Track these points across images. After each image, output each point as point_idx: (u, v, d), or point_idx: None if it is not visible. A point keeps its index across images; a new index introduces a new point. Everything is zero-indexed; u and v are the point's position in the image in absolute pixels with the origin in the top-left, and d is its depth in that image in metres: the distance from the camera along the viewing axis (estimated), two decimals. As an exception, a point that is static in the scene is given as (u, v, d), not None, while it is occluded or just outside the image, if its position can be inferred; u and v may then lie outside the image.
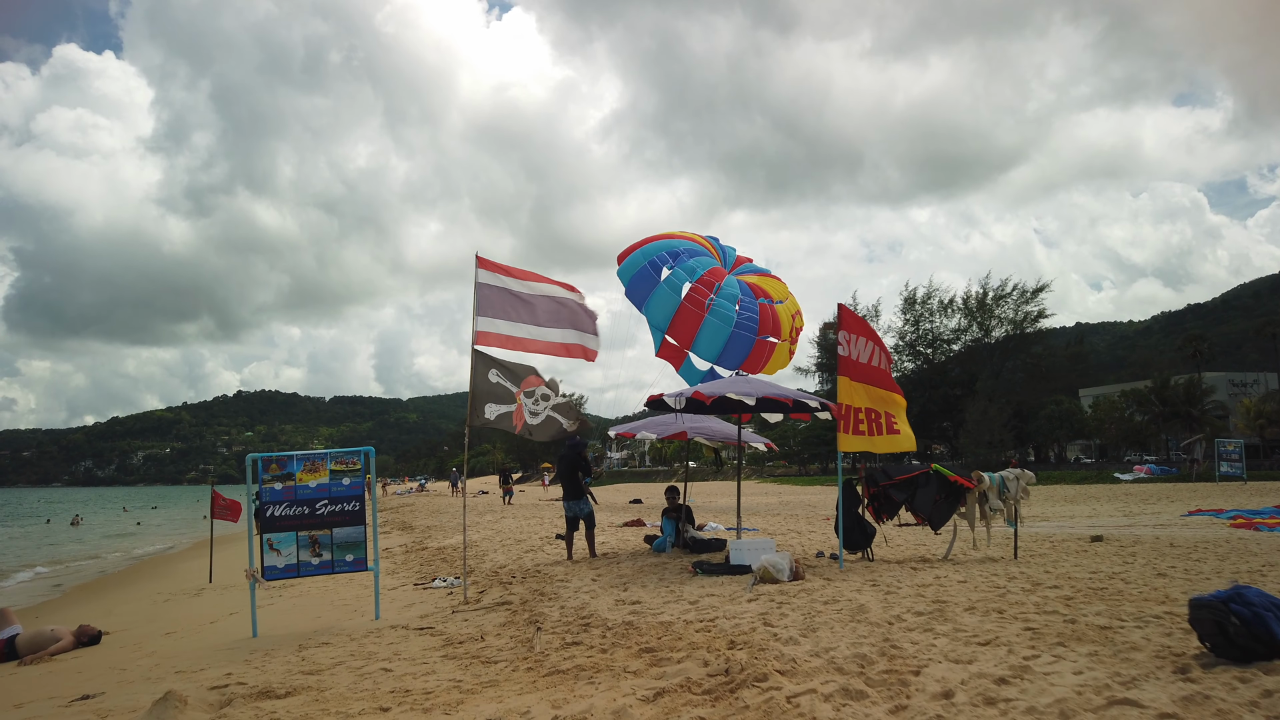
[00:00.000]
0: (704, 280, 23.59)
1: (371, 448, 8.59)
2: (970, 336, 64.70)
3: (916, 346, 67.07)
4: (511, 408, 8.98)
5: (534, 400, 9.05)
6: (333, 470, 8.54)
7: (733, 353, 22.17)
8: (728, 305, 22.88)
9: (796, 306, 25.99)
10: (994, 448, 62.64)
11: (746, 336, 22.40)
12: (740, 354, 22.29)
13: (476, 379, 8.91)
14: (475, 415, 8.93)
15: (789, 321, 24.94)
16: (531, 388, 9.06)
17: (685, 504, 10.91)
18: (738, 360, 22.67)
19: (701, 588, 7.64)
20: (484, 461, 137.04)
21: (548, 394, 9.00)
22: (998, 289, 63.05)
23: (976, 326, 64.14)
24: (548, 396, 9.13)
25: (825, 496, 36.29)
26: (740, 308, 23.10)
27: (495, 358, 9.04)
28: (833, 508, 24.95)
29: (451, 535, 17.21)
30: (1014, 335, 62.17)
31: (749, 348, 22.50)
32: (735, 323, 22.18)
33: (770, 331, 23.68)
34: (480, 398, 8.91)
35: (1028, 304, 61.42)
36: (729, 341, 22.00)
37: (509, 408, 8.98)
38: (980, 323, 63.77)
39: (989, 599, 6.44)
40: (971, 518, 9.51)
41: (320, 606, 9.76)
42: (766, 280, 25.57)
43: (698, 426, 9.81)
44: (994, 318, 62.92)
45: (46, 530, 39.16)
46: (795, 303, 25.94)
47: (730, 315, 22.53)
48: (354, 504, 8.50)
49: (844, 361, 8.49)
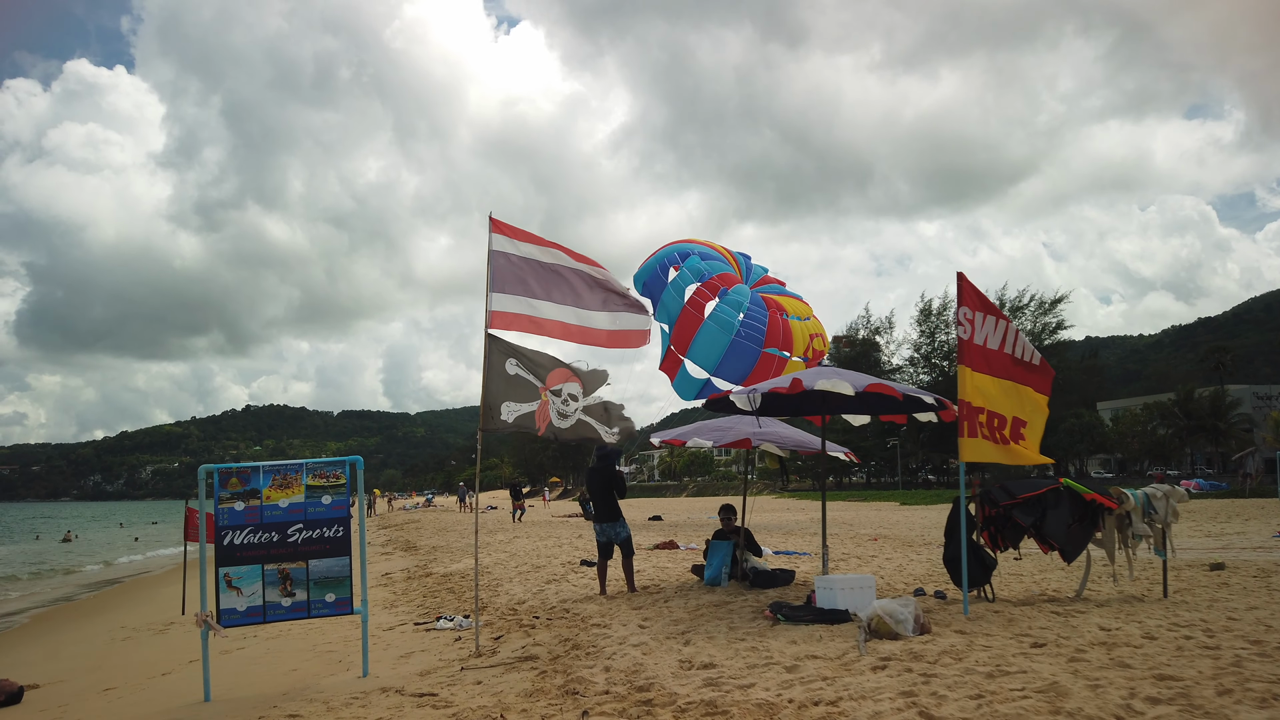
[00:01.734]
0: (709, 284, 21.00)
1: (359, 457, 6.74)
2: None
3: (932, 359, 66.07)
4: (533, 406, 7.15)
5: (562, 399, 7.23)
6: (310, 486, 6.72)
7: (733, 363, 19.47)
8: (730, 312, 20.16)
9: (819, 328, 23.27)
10: None
11: (749, 347, 19.61)
12: (742, 366, 19.54)
13: (491, 371, 7.08)
14: (490, 417, 7.10)
15: (804, 339, 22.35)
16: (558, 385, 7.23)
17: (744, 526, 9.01)
18: (740, 373, 19.91)
19: (792, 643, 5.74)
20: (491, 475, 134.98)
21: (576, 393, 7.16)
22: (1015, 300, 62.34)
23: None
24: (576, 397, 7.30)
25: (859, 513, 34.17)
26: (745, 316, 20.36)
27: (515, 345, 7.22)
28: (887, 527, 22.91)
29: (460, 558, 15.33)
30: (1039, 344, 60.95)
31: (752, 360, 19.76)
32: (736, 330, 19.46)
33: (779, 345, 20.90)
34: (496, 395, 7.08)
35: (1046, 315, 60.44)
36: (729, 351, 19.37)
37: (531, 407, 7.14)
38: None
39: (1219, 668, 4.54)
40: (1110, 545, 7.59)
41: (297, 653, 7.91)
42: (788, 299, 22.91)
43: (765, 433, 7.99)
44: None
45: (35, 548, 37.47)
46: (818, 324, 23.27)
47: (732, 323, 19.85)
48: (336, 529, 6.67)
49: (966, 347, 6.59)
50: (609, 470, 8.85)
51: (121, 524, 60.86)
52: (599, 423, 7.14)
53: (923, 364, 66.05)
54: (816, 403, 7.47)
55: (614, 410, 7.16)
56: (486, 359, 7.11)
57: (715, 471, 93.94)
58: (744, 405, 6.70)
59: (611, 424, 7.11)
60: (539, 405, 7.07)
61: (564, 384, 7.09)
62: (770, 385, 6.80)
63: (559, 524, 28.79)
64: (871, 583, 6.70)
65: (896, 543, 17.22)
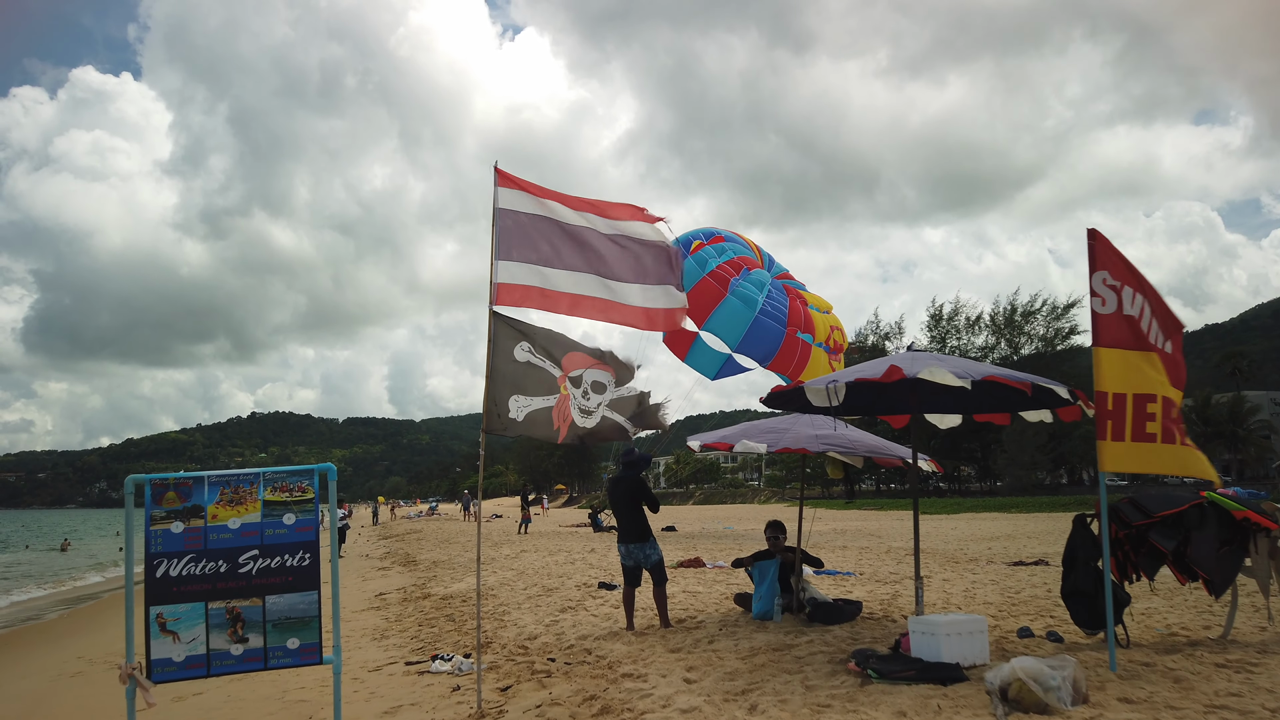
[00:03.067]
0: (732, 263, 19.98)
1: (331, 465, 5.35)
2: (999, 354, 63.01)
3: None
4: (550, 402, 5.74)
5: (583, 390, 5.82)
6: (268, 502, 5.32)
7: (758, 341, 18.43)
8: (753, 290, 19.24)
9: (838, 322, 22.37)
10: (1030, 469, 60.43)
11: (773, 326, 18.62)
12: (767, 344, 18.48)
13: (497, 358, 5.67)
14: (495, 417, 5.69)
15: (825, 329, 21.25)
16: (578, 370, 5.82)
17: (799, 546, 7.55)
18: (765, 352, 18.83)
19: (900, 715, 4.28)
20: (497, 483, 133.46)
21: (602, 382, 5.74)
22: (1027, 305, 62.14)
23: (1005, 344, 62.72)
24: (602, 387, 5.88)
25: (881, 523, 32.55)
26: (768, 297, 19.44)
27: (527, 326, 5.82)
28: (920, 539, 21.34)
29: (462, 576, 13.88)
30: (1044, 353, 60.14)
31: (777, 340, 18.71)
32: (760, 308, 18.50)
33: (803, 328, 19.99)
34: (503, 387, 5.67)
35: (1058, 320, 59.86)
36: (752, 327, 18.28)
37: (547, 402, 5.73)
38: (1009, 340, 62.42)
39: None
40: (1263, 574, 6.12)
41: (262, 703, 6.52)
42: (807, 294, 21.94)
43: (831, 435, 6.54)
44: (1023, 334, 61.70)
45: (28, 558, 36.18)
46: (836, 319, 22.44)
47: (754, 299, 18.85)
48: (302, 556, 5.28)
49: (1104, 323, 5.11)
50: (635, 481, 7.42)
51: (118, 533, 59.49)
52: (628, 419, 5.73)
53: (935, 369, 65.64)
54: (900, 397, 6.03)
55: (650, 406, 5.74)
56: (491, 343, 5.70)
57: (722, 479, 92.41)
58: (821, 400, 5.24)
59: (645, 421, 5.69)
60: (557, 400, 5.66)
61: (585, 370, 5.67)
62: (855, 374, 5.33)
63: (567, 535, 27.33)
64: (983, 625, 5.25)
65: (940, 558, 15.75)
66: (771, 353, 15.51)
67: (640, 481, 7.43)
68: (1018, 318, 61.43)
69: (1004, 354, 62.19)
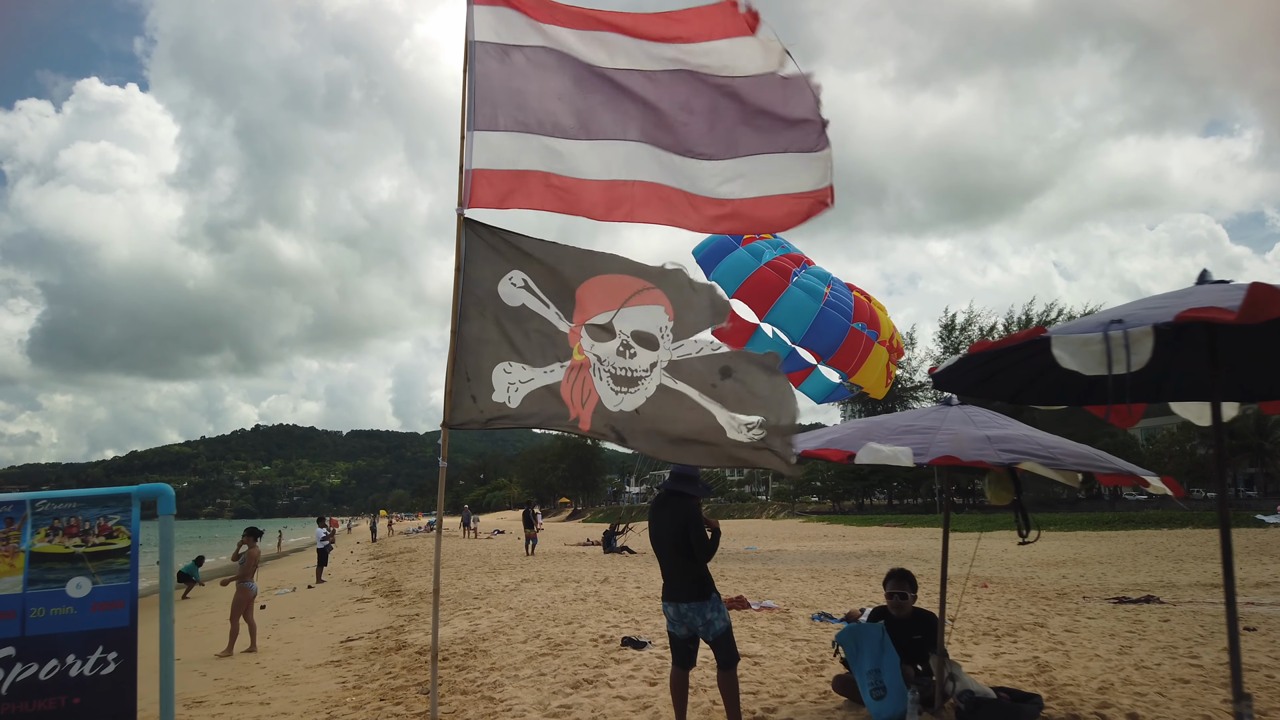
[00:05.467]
0: (790, 256, 18.36)
1: (164, 486, 2.92)
2: None
3: None
4: (556, 374, 3.31)
5: (617, 347, 3.40)
6: (41, 556, 2.90)
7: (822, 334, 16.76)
8: (816, 282, 17.67)
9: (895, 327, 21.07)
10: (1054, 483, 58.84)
11: (838, 319, 16.92)
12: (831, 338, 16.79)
13: (471, 302, 3.26)
14: (469, 400, 3.29)
15: (889, 327, 19.63)
16: (604, 314, 3.39)
17: (940, 617, 5.05)
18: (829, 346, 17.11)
19: None
20: (500, 496, 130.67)
21: (650, 333, 3.31)
22: (1042, 315, 60.22)
23: None
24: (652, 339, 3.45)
25: (912, 541, 29.80)
26: (832, 290, 17.95)
27: (522, 242, 3.41)
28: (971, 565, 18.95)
29: (452, 614, 11.39)
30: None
31: (841, 333, 16.99)
32: (826, 300, 17.06)
33: (868, 323, 18.30)
34: (481, 350, 3.27)
35: None
36: (817, 320, 16.71)
37: (550, 374, 3.31)
38: None
39: None
40: None
41: None
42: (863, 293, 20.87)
43: (1015, 438, 4.08)
44: None
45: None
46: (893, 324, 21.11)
47: (818, 290, 17.29)
48: (101, 659, 2.85)
49: None
50: (687, 509, 4.93)
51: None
52: (711, 392, 3.29)
53: (945, 381, 64.75)
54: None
55: (760, 377, 3.31)
56: (459, 275, 3.29)
57: (729, 491, 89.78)
58: (1094, 362, 2.68)
59: (748, 406, 3.26)
60: (567, 369, 3.24)
61: (620, 310, 3.27)
62: (1203, 302, 2.66)
63: (573, 556, 24.83)
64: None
65: (1021, 591, 13.23)
66: (834, 346, 13.45)
67: (693, 510, 4.94)
68: (1031, 327, 60.86)
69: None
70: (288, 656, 9.64)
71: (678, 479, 5.03)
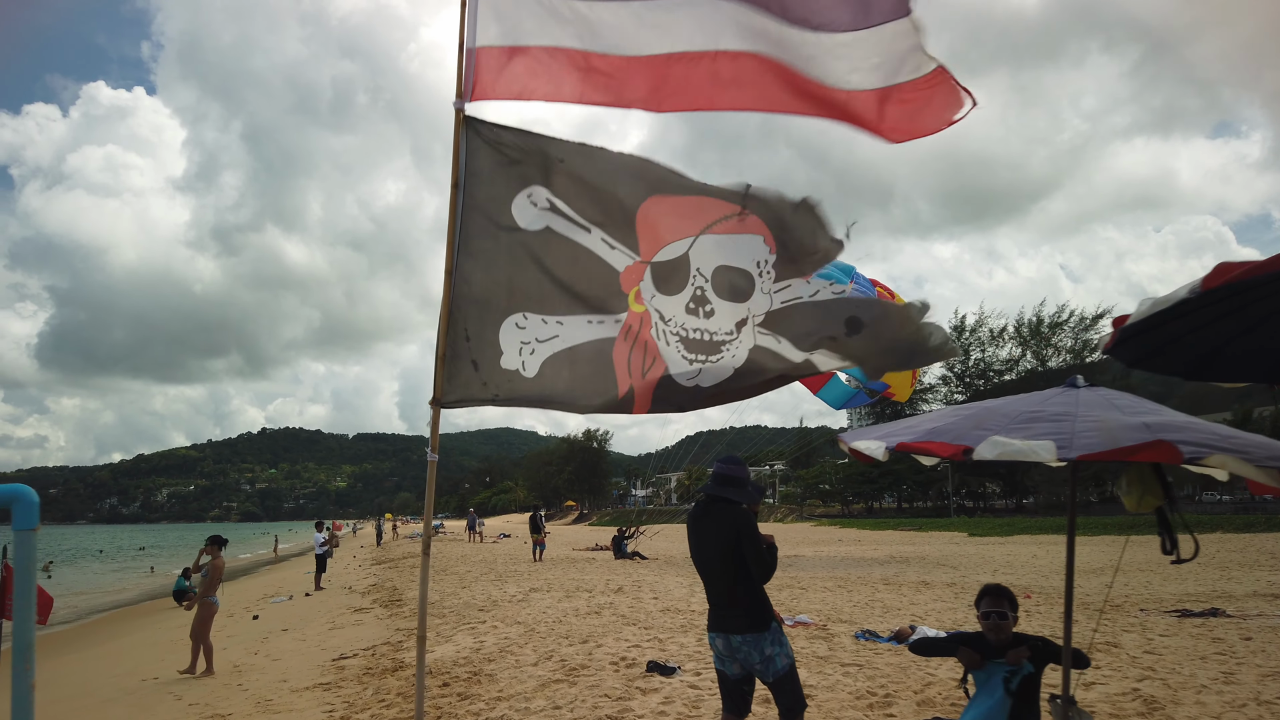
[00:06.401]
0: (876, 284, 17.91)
1: (23, 489, 1.96)
2: (1024, 367, 61.16)
3: (965, 378, 63.92)
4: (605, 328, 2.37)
5: (692, 295, 2.45)
6: None
7: None
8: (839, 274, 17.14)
9: None
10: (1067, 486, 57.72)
11: None
12: None
13: (475, 229, 2.31)
14: (470, 367, 2.31)
15: None
16: (675, 245, 2.44)
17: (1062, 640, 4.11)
18: None
19: None
20: (505, 500, 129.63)
21: (744, 268, 2.37)
22: (1054, 316, 59.99)
23: (1031, 355, 61.01)
24: (743, 289, 2.49)
25: (934, 547, 28.67)
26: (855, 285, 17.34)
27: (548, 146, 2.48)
28: (1008, 570, 17.99)
29: (455, 629, 10.47)
30: (1073, 366, 57.96)
31: None
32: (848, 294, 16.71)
33: None
34: (482, 299, 2.31)
35: (1086, 331, 57.62)
36: None
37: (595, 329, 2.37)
38: (1036, 352, 60.65)
39: None
40: None
41: None
42: None
43: (1188, 426, 3.20)
44: (1050, 346, 59.84)
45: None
46: None
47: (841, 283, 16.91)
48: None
49: None
50: (736, 517, 3.99)
51: (101, 550, 56.43)
52: (837, 354, 2.35)
53: (955, 382, 64.04)
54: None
55: (907, 331, 2.37)
56: (458, 194, 2.36)
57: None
58: None
59: (883, 361, 2.33)
60: (623, 325, 2.30)
61: (696, 240, 2.33)
62: None
63: (583, 562, 23.90)
64: None
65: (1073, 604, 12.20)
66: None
67: (744, 519, 3.99)
68: (1044, 329, 59.65)
69: (1030, 366, 60.39)
70: (273, 676, 8.74)
71: (723, 482, 4.08)
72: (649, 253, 2.55)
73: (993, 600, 4.34)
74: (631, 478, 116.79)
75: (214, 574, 9.37)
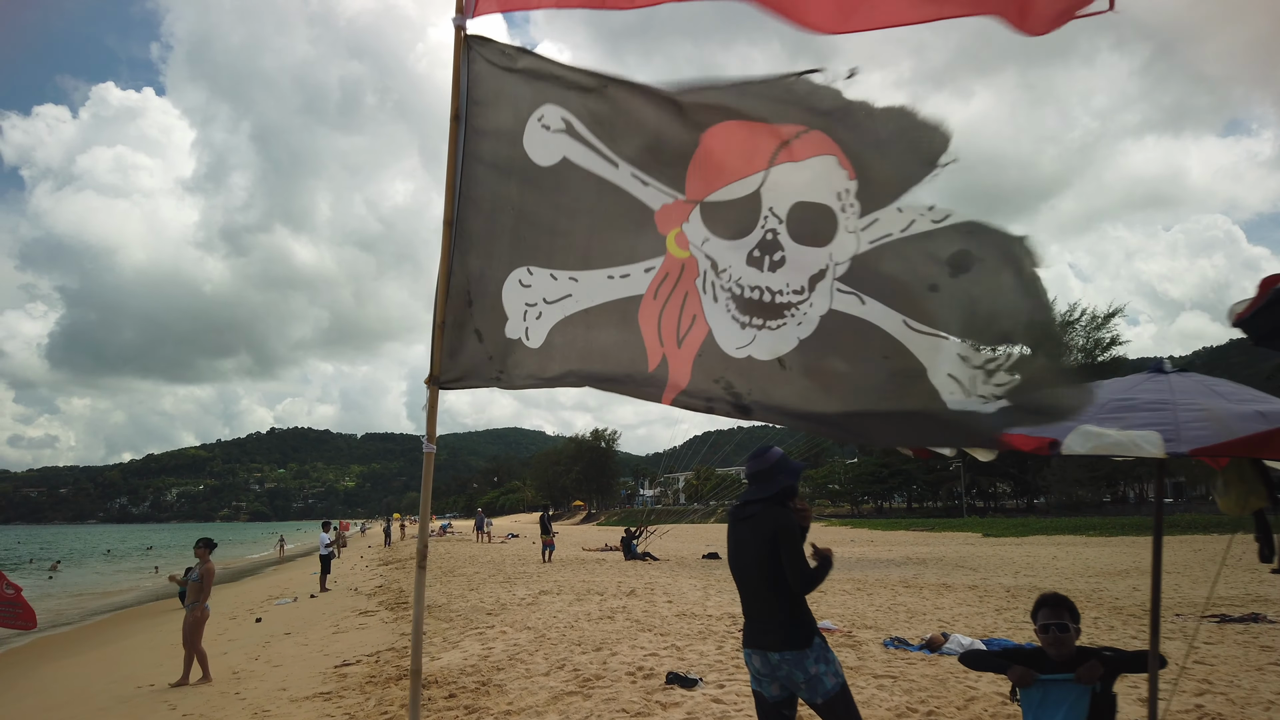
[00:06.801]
0: None
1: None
2: None
3: None
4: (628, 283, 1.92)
5: (764, 247, 2.00)
6: None
7: None
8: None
9: None
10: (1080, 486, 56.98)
11: None
12: None
13: (480, 165, 1.87)
14: (469, 331, 1.87)
15: None
16: (739, 181, 1.99)
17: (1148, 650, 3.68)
18: None
19: None
20: (514, 500, 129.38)
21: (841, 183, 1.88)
22: (1065, 314, 58.37)
23: None
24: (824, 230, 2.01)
25: (950, 547, 28.12)
26: None
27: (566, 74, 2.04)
28: (1030, 572, 17.49)
29: (463, 634, 10.08)
30: (1085, 365, 57.15)
31: None
32: None
33: None
34: (487, 251, 1.88)
35: (1098, 330, 56.78)
36: None
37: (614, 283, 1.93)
38: None
39: None
40: None
41: None
42: None
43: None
44: None
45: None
46: None
47: None
48: None
49: None
50: (774, 519, 3.55)
51: (109, 550, 56.34)
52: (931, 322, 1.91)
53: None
54: None
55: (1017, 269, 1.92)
56: (456, 124, 1.93)
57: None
58: None
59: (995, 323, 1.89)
60: (654, 276, 1.87)
61: (767, 175, 1.88)
62: None
63: (593, 563, 23.50)
64: None
65: (1105, 608, 11.77)
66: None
67: (783, 520, 3.55)
68: None
69: (1041, 365, 60.20)
70: (273, 684, 8.35)
71: (752, 480, 3.66)
72: (700, 191, 2.10)
73: (1052, 611, 3.86)
74: (639, 477, 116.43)
75: (207, 579, 8.96)
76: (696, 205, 2.10)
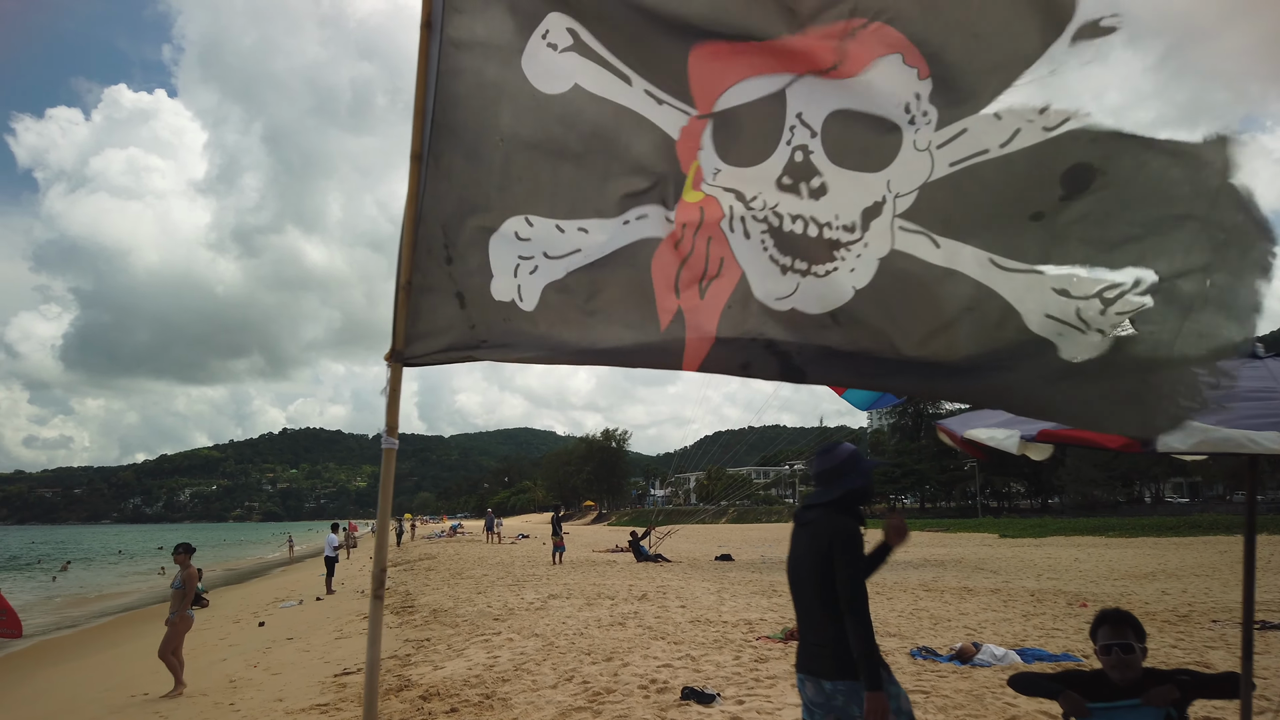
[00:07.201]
0: None
1: None
2: None
3: None
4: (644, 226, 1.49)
5: (798, 173, 1.57)
6: None
7: None
8: None
9: None
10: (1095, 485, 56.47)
11: None
12: None
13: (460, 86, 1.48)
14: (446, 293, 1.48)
15: None
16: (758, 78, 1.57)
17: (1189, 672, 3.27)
18: None
19: None
20: (524, 500, 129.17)
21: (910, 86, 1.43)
22: None
23: None
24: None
25: (966, 548, 27.57)
26: None
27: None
28: (1051, 574, 16.98)
29: (467, 641, 9.71)
30: None
31: None
32: None
33: None
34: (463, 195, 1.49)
35: None
36: None
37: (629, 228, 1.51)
38: None
39: None
40: None
41: None
42: None
43: None
44: None
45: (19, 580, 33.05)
46: None
47: None
48: None
49: None
50: (833, 527, 3.12)
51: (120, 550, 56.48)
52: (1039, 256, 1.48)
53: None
54: None
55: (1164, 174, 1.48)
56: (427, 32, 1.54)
57: (756, 495, 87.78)
58: None
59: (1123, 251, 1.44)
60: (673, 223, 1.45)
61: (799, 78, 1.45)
62: None
63: (603, 565, 23.13)
64: None
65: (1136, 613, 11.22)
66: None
67: (842, 529, 3.11)
68: None
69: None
70: (270, 694, 8.01)
71: (822, 479, 3.19)
72: (707, 102, 1.66)
73: (1113, 629, 3.38)
74: (650, 477, 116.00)
75: (190, 584, 8.63)
76: (708, 120, 1.65)
